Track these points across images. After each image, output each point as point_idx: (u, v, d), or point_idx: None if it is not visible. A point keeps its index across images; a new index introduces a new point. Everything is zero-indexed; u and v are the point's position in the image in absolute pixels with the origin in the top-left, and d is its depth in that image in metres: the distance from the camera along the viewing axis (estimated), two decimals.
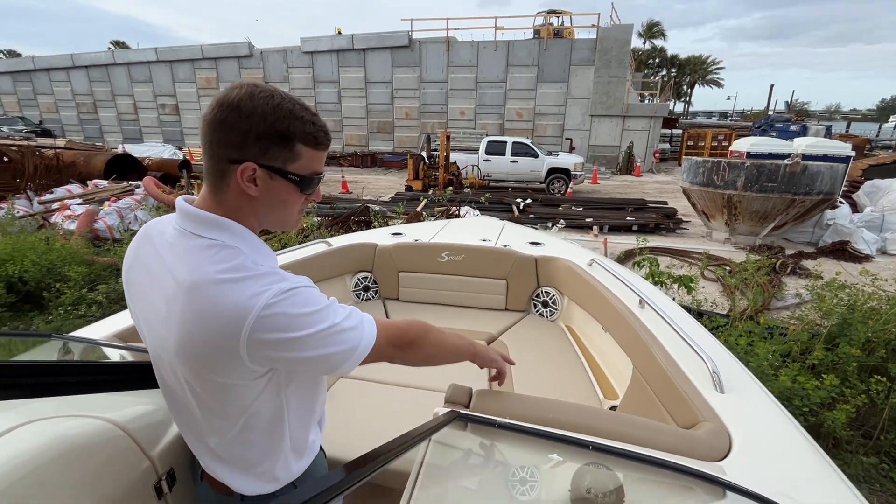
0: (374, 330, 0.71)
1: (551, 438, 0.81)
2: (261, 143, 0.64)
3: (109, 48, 30.48)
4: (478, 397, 0.97)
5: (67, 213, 6.12)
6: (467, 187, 10.90)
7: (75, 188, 7.36)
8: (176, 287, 0.64)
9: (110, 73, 21.60)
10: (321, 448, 0.91)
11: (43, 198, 6.88)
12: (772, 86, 36.67)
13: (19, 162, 7.38)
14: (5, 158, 7.41)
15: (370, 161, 18.35)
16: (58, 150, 8.46)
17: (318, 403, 0.84)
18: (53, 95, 22.70)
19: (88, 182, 7.65)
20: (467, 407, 0.94)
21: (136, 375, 0.82)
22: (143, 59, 20.94)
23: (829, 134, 18.85)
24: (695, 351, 1.25)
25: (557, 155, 12.49)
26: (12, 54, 40.20)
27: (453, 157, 11.80)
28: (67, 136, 21.65)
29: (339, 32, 18.89)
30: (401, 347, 0.77)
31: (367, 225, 5.84)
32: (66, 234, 5.27)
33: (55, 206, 6.51)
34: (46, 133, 19.55)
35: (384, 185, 13.62)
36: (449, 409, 0.88)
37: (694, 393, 1.11)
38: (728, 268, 5.13)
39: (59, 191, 7.18)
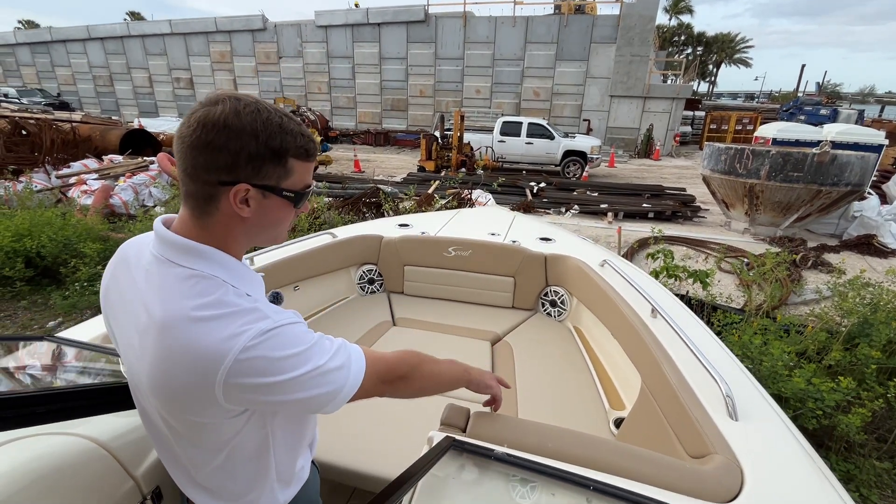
0: (361, 368, 0.68)
1: (550, 475, 0.78)
2: (254, 162, 0.60)
3: (125, 19, 30.34)
4: (475, 420, 0.93)
5: (84, 188, 6.20)
6: (480, 169, 10.73)
7: (91, 163, 7.43)
8: (148, 320, 0.60)
9: (125, 45, 21.56)
10: (314, 463, 0.89)
11: (60, 172, 6.97)
12: (803, 66, 35.03)
13: (37, 136, 7.46)
14: (24, 132, 7.50)
15: (383, 139, 18.19)
16: (74, 125, 8.53)
17: (307, 430, 0.82)
18: (71, 67, 22.80)
19: (104, 157, 7.72)
20: (464, 431, 0.91)
21: (120, 398, 0.79)
22: (158, 32, 20.82)
23: (861, 119, 18.01)
24: (708, 371, 1.18)
25: (574, 137, 12.18)
26: (31, 25, 40.27)
27: (467, 137, 11.60)
28: (85, 108, 21.88)
29: (357, 6, 18.45)
30: (391, 382, 0.74)
31: (378, 207, 5.80)
32: (83, 209, 5.35)
33: (72, 180, 6.59)
34: (64, 106, 19.75)
35: (396, 164, 13.51)
36: (444, 436, 0.85)
37: (705, 419, 1.05)
38: (745, 260, 4.99)
39: (76, 165, 7.26)
